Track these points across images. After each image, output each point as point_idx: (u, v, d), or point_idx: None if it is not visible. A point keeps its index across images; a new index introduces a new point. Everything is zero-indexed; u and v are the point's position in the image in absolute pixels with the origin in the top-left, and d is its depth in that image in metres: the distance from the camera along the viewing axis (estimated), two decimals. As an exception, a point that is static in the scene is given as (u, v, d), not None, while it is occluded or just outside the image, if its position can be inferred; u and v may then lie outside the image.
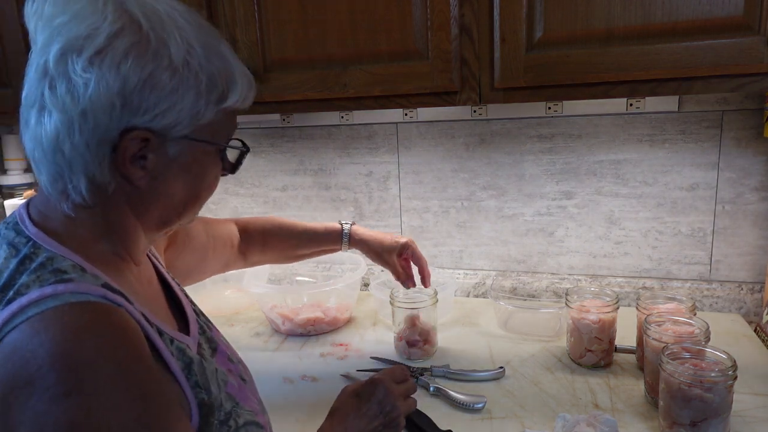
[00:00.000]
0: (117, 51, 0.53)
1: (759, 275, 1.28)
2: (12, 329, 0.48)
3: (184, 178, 0.61)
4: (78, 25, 0.52)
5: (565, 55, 0.94)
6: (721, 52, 0.86)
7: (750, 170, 1.24)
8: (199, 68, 0.57)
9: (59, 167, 0.55)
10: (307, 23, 1.06)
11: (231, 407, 0.64)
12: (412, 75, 1.02)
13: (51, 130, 0.54)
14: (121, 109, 0.53)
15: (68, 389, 0.46)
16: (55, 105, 0.53)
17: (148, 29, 0.54)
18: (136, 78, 0.53)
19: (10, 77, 1.26)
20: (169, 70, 0.55)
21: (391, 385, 0.80)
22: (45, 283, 0.51)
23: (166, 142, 0.57)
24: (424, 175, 1.47)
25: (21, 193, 1.66)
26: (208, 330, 0.75)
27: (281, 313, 1.29)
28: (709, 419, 0.81)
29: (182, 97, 0.56)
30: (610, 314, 1.06)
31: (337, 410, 0.76)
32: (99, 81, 0.52)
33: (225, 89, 0.60)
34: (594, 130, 1.32)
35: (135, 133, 0.55)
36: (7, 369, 0.47)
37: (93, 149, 0.54)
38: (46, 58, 0.53)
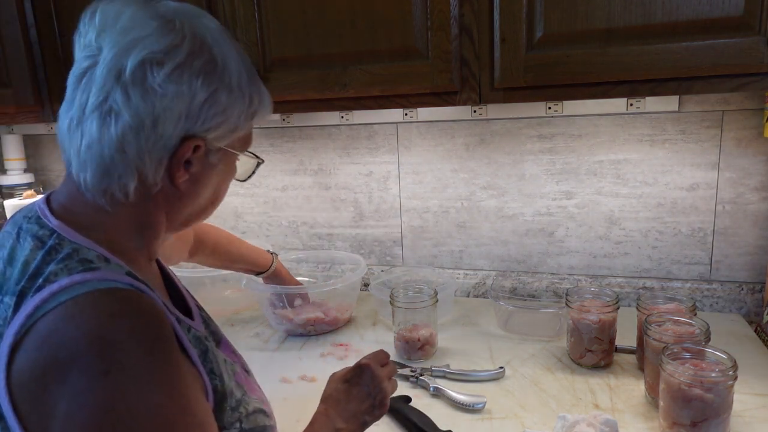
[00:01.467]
0: (193, 69, 0.59)
1: (759, 275, 1.28)
2: (44, 314, 0.51)
3: (214, 182, 0.67)
4: (158, 40, 0.57)
5: (565, 55, 0.94)
6: (721, 52, 0.86)
7: (750, 170, 1.24)
8: (246, 88, 0.64)
9: (114, 166, 0.58)
10: (307, 23, 1.06)
11: (240, 395, 0.67)
12: (412, 75, 1.02)
13: (117, 131, 0.57)
14: (185, 120, 0.59)
15: (106, 368, 0.49)
16: (128, 110, 0.57)
17: (217, 53, 0.61)
18: (204, 94, 0.59)
19: (10, 77, 1.26)
20: (227, 90, 0.61)
21: (377, 368, 0.83)
22: (73, 271, 0.54)
23: (210, 151, 0.63)
24: (424, 175, 1.47)
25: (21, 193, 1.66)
26: (211, 323, 0.77)
27: (281, 313, 1.29)
28: (710, 419, 0.81)
29: (232, 114, 0.63)
30: (610, 314, 1.06)
31: (329, 396, 0.80)
32: (175, 93, 0.58)
33: (257, 107, 0.67)
34: (594, 130, 1.32)
35: (192, 140, 0.60)
36: (44, 351, 0.50)
37: (156, 152, 0.59)
38: (121, 65, 0.57)
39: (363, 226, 1.55)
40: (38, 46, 1.26)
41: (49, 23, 1.24)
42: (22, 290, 0.53)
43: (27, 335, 0.50)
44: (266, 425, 0.69)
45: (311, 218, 1.60)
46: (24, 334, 0.50)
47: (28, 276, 0.54)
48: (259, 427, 0.68)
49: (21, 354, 0.50)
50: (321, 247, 1.61)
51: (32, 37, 1.25)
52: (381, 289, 1.32)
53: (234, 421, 0.64)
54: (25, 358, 0.50)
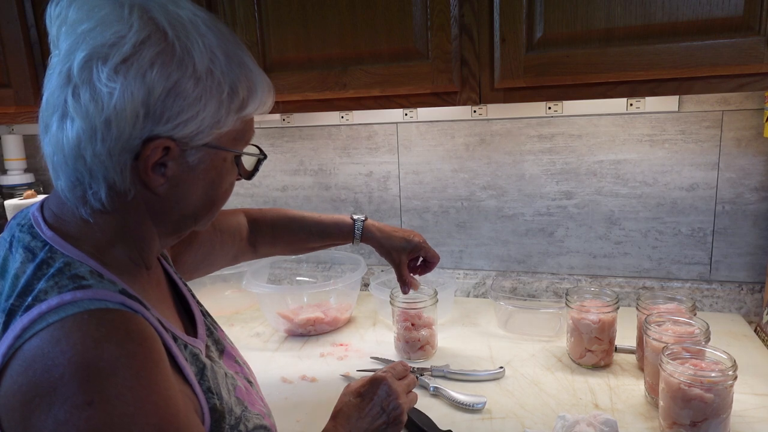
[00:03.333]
0: (143, 60, 0.52)
1: (759, 275, 1.28)
2: (32, 336, 0.49)
3: (202, 184, 0.60)
4: (103, 32, 0.52)
5: (565, 55, 0.93)
6: (721, 52, 0.86)
7: (750, 170, 1.24)
8: (221, 76, 0.57)
9: (79, 173, 0.55)
10: (307, 23, 1.06)
11: (240, 411, 0.64)
12: (412, 75, 1.02)
13: (73, 136, 0.53)
14: (144, 118, 0.53)
15: (89, 398, 0.47)
16: (78, 112, 0.53)
17: (173, 38, 0.54)
18: (161, 87, 0.53)
19: (10, 77, 1.26)
20: (193, 79, 0.55)
21: (393, 382, 0.79)
22: (64, 289, 0.51)
23: (187, 151, 0.57)
24: (424, 175, 1.47)
25: (21, 193, 1.66)
26: (215, 331, 0.75)
27: (281, 313, 1.29)
28: (709, 419, 0.81)
29: (205, 106, 0.56)
30: (610, 314, 1.06)
31: (340, 412, 0.76)
32: (124, 90, 0.52)
33: (245, 97, 0.59)
34: (594, 130, 1.32)
35: (157, 141, 0.54)
36: (28, 376, 0.48)
37: (115, 157, 0.54)
38: (70, 65, 0.52)
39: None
40: (38, 46, 1.26)
41: (49, 23, 1.24)
42: (11, 308, 0.51)
43: (14, 358, 0.48)
44: None
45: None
46: (11, 356, 0.49)
47: (18, 292, 0.52)
48: None
49: (8, 377, 0.48)
50: (321, 247, 1.61)
51: (32, 37, 1.25)
52: (381, 289, 1.32)
53: None
54: (12, 382, 0.48)
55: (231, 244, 0.99)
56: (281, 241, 1.05)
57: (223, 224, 0.98)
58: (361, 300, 1.46)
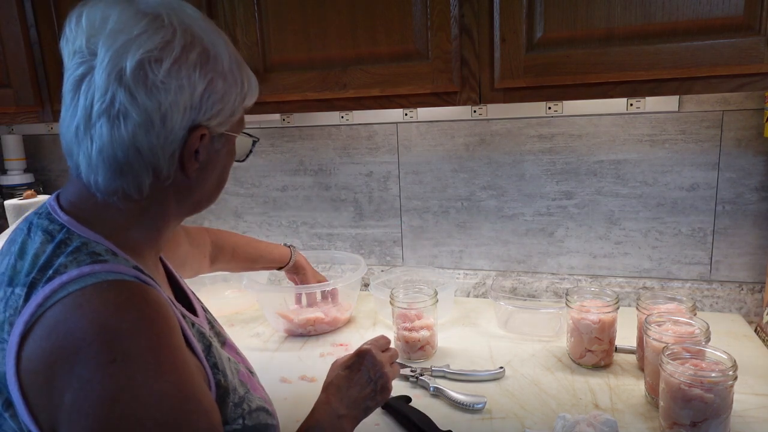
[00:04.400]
0: (190, 61, 0.60)
1: (759, 275, 1.28)
2: (53, 304, 0.52)
3: (219, 167, 0.69)
4: (152, 37, 0.58)
5: (565, 55, 0.94)
6: (721, 52, 0.86)
7: (750, 170, 1.24)
8: (237, 73, 0.66)
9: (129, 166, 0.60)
10: (307, 23, 1.06)
11: (244, 392, 0.68)
12: (412, 75, 1.02)
13: (128, 132, 0.59)
14: (190, 110, 0.61)
15: (111, 357, 0.50)
16: (135, 109, 0.58)
17: (208, 43, 0.63)
18: (203, 84, 0.61)
19: (10, 77, 1.26)
20: (222, 77, 0.63)
21: (378, 353, 0.84)
22: (82, 263, 0.55)
23: (214, 137, 0.66)
24: (424, 175, 1.47)
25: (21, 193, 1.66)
26: (216, 325, 0.78)
27: (281, 313, 1.29)
28: (710, 419, 0.81)
29: (228, 99, 0.65)
30: (610, 314, 1.06)
31: (330, 384, 0.81)
32: (177, 87, 0.59)
33: (248, 90, 0.68)
34: (594, 130, 1.32)
35: (199, 130, 0.62)
36: (51, 340, 0.51)
37: (168, 146, 0.61)
38: (120, 68, 0.57)
39: (363, 226, 1.55)
40: (38, 46, 1.26)
41: (49, 23, 1.24)
42: (32, 281, 0.54)
43: (36, 324, 0.52)
44: (269, 423, 0.70)
45: (311, 218, 1.60)
46: (34, 323, 0.52)
47: (39, 268, 0.55)
48: (262, 424, 0.68)
49: (30, 343, 0.52)
50: (321, 247, 1.61)
51: (32, 37, 1.25)
52: (381, 289, 1.32)
53: (237, 417, 0.65)
54: (35, 347, 0.51)
55: (197, 260, 1.07)
56: (237, 261, 1.18)
57: (196, 242, 1.06)
58: (361, 300, 1.46)
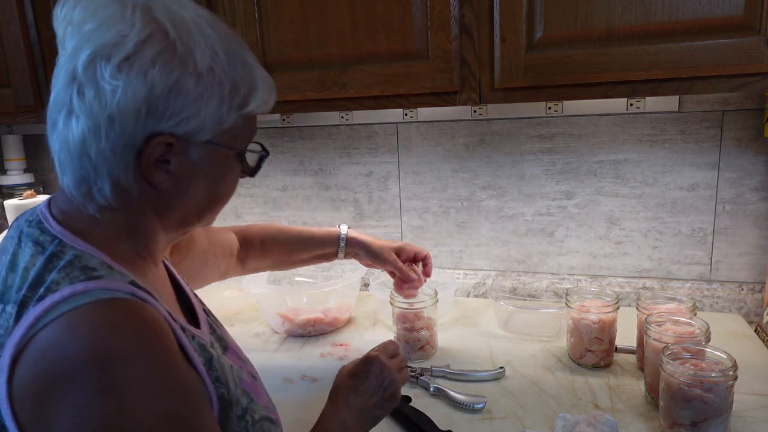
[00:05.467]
0: (145, 58, 0.54)
1: (759, 275, 1.28)
2: (45, 325, 0.49)
3: (205, 181, 0.62)
4: (106, 32, 0.53)
5: (565, 55, 0.94)
6: (721, 52, 0.86)
7: (750, 170, 1.24)
8: (222, 74, 0.58)
9: (85, 170, 0.56)
10: (307, 23, 1.06)
11: (247, 403, 0.65)
12: (412, 75, 1.02)
13: (78, 134, 0.55)
14: (146, 115, 0.54)
15: (104, 385, 0.48)
16: (83, 110, 0.54)
17: (175, 36, 0.55)
18: (163, 85, 0.54)
19: (10, 77, 1.26)
20: (194, 77, 0.56)
21: (386, 359, 0.81)
22: (75, 280, 0.52)
23: (189, 147, 0.58)
24: (424, 175, 1.47)
25: (21, 193, 1.66)
26: (218, 329, 0.76)
27: (281, 313, 1.29)
28: (710, 419, 0.81)
29: (206, 103, 0.57)
30: (610, 314, 1.06)
31: (337, 393, 0.78)
32: (126, 88, 0.53)
33: (246, 95, 0.61)
34: (594, 130, 1.32)
35: (159, 138, 0.56)
36: (44, 364, 0.48)
37: (118, 154, 0.55)
38: (75, 64, 0.54)
39: (363, 226, 1.55)
40: (38, 46, 1.26)
41: (49, 23, 1.22)
42: (23, 299, 0.51)
43: (27, 347, 0.49)
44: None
45: (311, 218, 1.60)
46: (25, 345, 0.49)
47: (29, 284, 0.52)
48: None
49: (22, 366, 0.49)
50: (321, 247, 1.60)
51: (32, 37, 1.25)
52: (381, 289, 1.32)
53: (240, 430, 0.63)
54: (26, 371, 0.49)
55: (222, 259, 1.01)
56: (270, 254, 1.07)
57: (216, 239, 1.00)
58: (361, 300, 1.46)
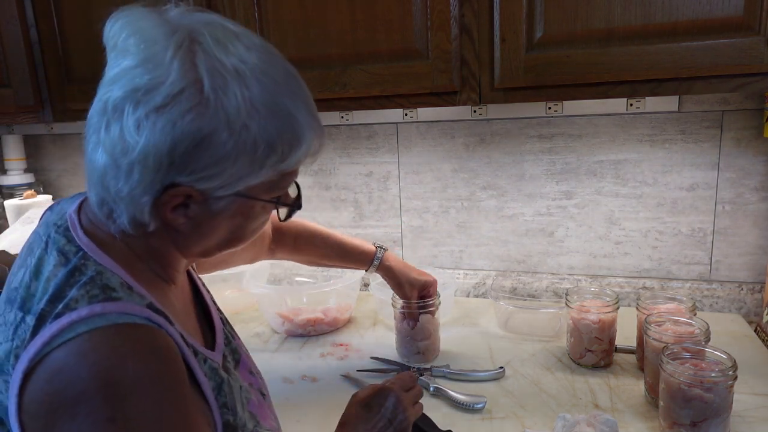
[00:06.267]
0: (174, 112, 0.51)
1: (759, 275, 1.28)
2: (60, 344, 0.49)
3: (227, 226, 0.60)
4: (142, 75, 0.51)
5: (565, 55, 0.94)
6: (721, 52, 0.86)
7: (750, 170, 1.24)
8: (258, 132, 0.54)
9: (105, 197, 0.56)
10: (307, 23, 1.06)
11: (253, 426, 0.65)
12: (412, 75, 1.02)
13: (101, 165, 0.54)
14: (168, 167, 0.53)
15: (110, 415, 0.48)
16: (107, 147, 0.53)
17: (209, 90, 0.52)
18: (189, 140, 0.52)
19: (10, 77, 1.26)
20: (224, 135, 0.53)
21: (401, 393, 0.79)
22: (94, 300, 0.52)
23: (210, 199, 0.56)
24: (424, 175, 1.47)
25: (21, 193, 1.66)
26: (233, 340, 0.75)
27: (281, 313, 1.29)
28: (710, 419, 0.81)
29: (234, 162, 0.54)
30: (610, 314, 1.06)
31: (347, 422, 0.76)
32: (150, 139, 0.51)
33: (286, 152, 0.57)
34: (594, 130, 1.32)
35: (178, 189, 0.54)
36: (54, 386, 0.49)
37: (135, 197, 0.54)
38: (108, 97, 0.52)
39: (363, 226, 1.55)
40: (38, 46, 1.26)
41: (49, 23, 1.24)
42: (42, 313, 0.51)
43: (41, 364, 0.49)
44: None
45: (311, 218, 1.59)
46: (38, 362, 0.49)
47: (49, 297, 0.52)
48: None
49: (33, 382, 0.49)
50: (321, 247, 1.60)
51: (32, 37, 1.25)
52: (381, 289, 1.32)
53: None
54: (37, 389, 0.49)
55: (252, 247, 1.00)
56: (301, 253, 1.08)
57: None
58: (361, 300, 1.46)
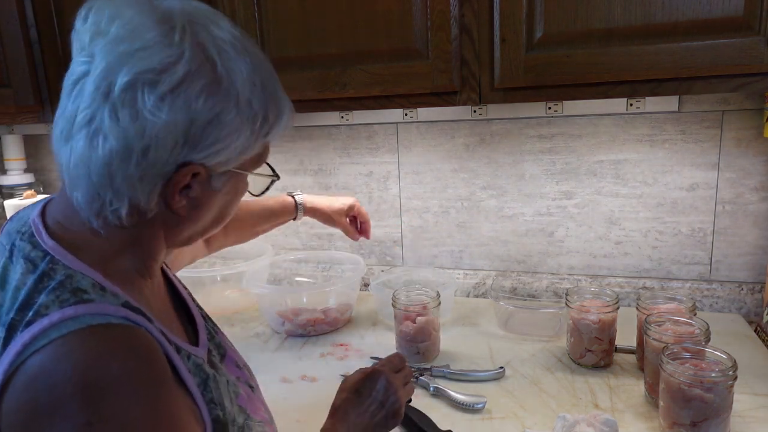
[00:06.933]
0: (192, 90, 0.52)
1: (759, 275, 1.28)
2: (34, 352, 0.48)
3: (219, 204, 0.62)
4: (151, 56, 0.51)
5: (565, 55, 0.94)
6: (721, 52, 0.86)
7: (750, 170, 1.24)
8: (258, 106, 0.57)
9: (102, 190, 0.54)
10: (307, 23, 1.06)
11: (243, 420, 0.64)
12: (412, 75, 1.02)
13: (104, 154, 0.52)
14: (182, 146, 0.53)
15: (88, 419, 0.47)
16: (114, 133, 0.52)
17: (222, 69, 0.54)
18: (204, 117, 0.53)
19: (10, 77, 1.26)
20: (234, 110, 0.55)
21: (391, 375, 0.79)
22: (65, 303, 0.50)
23: (212, 176, 0.58)
24: (424, 175, 1.47)
25: (21, 193, 1.66)
26: (216, 335, 0.74)
27: (281, 313, 1.29)
28: (710, 419, 0.81)
29: (239, 136, 0.56)
30: (610, 314, 1.06)
31: (339, 409, 0.76)
32: (168, 119, 0.51)
33: (273, 123, 0.60)
34: (594, 130, 1.32)
35: (190, 167, 0.55)
36: (30, 394, 0.47)
37: (146, 181, 0.54)
38: (110, 83, 0.51)
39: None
40: (38, 46, 1.26)
41: (49, 23, 1.24)
42: (11, 323, 0.50)
43: (16, 375, 0.48)
44: None
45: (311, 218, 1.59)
46: (13, 372, 0.48)
47: (18, 306, 0.51)
48: None
49: (9, 394, 0.48)
50: (321, 248, 1.61)
51: (32, 37, 1.25)
52: (381, 289, 1.32)
53: None
54: (14, 399, 0.48)
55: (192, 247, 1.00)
56: (232, 231, 1.08)
57: None
58: (361, 300, 1.46)
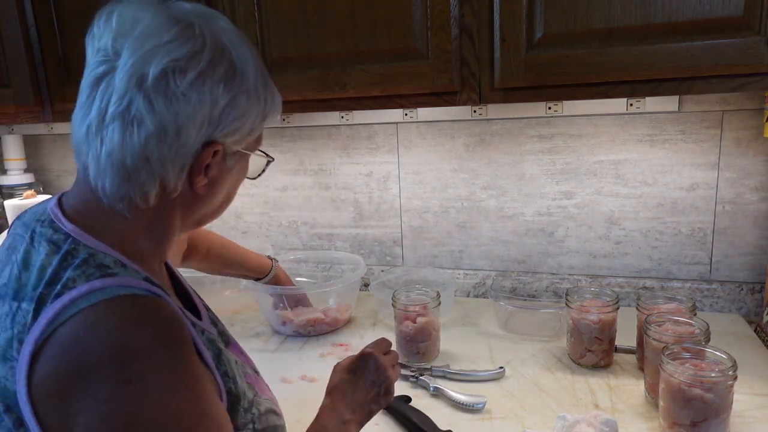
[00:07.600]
0: (215, 75, 0.59)
1: (759, 275, 1.28)
2: (64, 321, 0.51)
3: (229, 184, 0.68)
4: (179, 47, 0.57)
5: (565, 55, 0.94)
6: (721, 52, 0.86)
7: (750, 170, 1.24)
8: (262, 89, 0.65)
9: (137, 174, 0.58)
10: (307, 23, 1.06)
11: (252, 396, 0.68)
12: (412, 75, 1.02)
13: (140, 139, 0.57)
14: (207, 125, 0.60)
15: (127, 377, 0.49)
16: (151, 117, 0.57)
17: (236, 57, 0.61)
18: (224, 101, 0.60)
19: (10, 77, 1.26)
20: (246, 94, 0.62)
21: (380, 356, 0.84)
22: (91, 277, 0.54)
23: (227, 155, 0.64)
24: (424, 175, 1.47)
25: (21, 193, 1.66)
26: (218, 324, 0.78)
27: (281, 313, 1.29)
28: (710, 419, 0.81)
29: (249, 116, 0.63)
30: (610, 314, 1.06)
31: (334, 388, 0.81)
32: (198, 101, 0.58)
33: (271, 106, 0.67)
34: (594, 130, 1.32)
35: (213, 145, 0.61)
36: (65, 360, 0.50)
37: (179, 159, 0.59)
38: (143, 73, 0.56)
39: (363, 226, 1.56)
40: (38, 46, 1.26)
41: (49, 23, 1.24)
42: (40, 296, 0.53)
43: (47, 343, 0.50)
44: (277, 425, 0.71)
45: (311, 218, 1.60)
46: (44, 341, 0.50)
47: (46, 282, 0.54)
48: (271, 426, 0.69)
49: (42, 362, 0.50)
50: (321, 248, 1.61)
51: (32, 37, 1.25)
52: (381, 289, 1.32)
53: (247, 422, 0.65)
54: (47, 366, 0.50)
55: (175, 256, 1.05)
56: (209, 261, 1.16)
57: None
58: (361, 300, 1.46)
